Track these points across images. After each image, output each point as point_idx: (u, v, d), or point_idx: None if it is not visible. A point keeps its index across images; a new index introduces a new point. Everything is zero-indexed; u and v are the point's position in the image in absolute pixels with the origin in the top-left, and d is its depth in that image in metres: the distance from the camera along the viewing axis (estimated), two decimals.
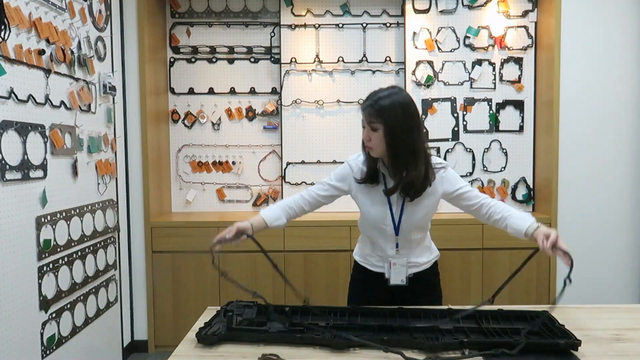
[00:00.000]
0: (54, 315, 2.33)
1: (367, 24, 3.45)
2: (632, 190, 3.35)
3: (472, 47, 3.39)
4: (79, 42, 2.59)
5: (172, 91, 3.54)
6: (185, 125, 3.55)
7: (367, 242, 1.91)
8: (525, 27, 3.38)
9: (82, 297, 2.59)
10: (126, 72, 3.19)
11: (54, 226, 2.33)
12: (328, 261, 3.15)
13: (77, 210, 2.55)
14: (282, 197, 3.52)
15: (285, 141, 3.48)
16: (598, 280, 3.36)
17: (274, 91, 3.53)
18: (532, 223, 1.74)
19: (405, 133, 1.67)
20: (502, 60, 3.40)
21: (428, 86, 3.40)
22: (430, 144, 3.42)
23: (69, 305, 2.46)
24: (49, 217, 2.28)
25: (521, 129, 3.43)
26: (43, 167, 2.24)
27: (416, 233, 1.84)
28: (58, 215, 2.36)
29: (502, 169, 3.45)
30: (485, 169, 3.45)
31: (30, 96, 2.15)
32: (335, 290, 3.15)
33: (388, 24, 3.46)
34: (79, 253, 2.56)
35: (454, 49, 3.39)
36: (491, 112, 3.42)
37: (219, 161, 3.56)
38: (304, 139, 3.48)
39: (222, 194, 3.58)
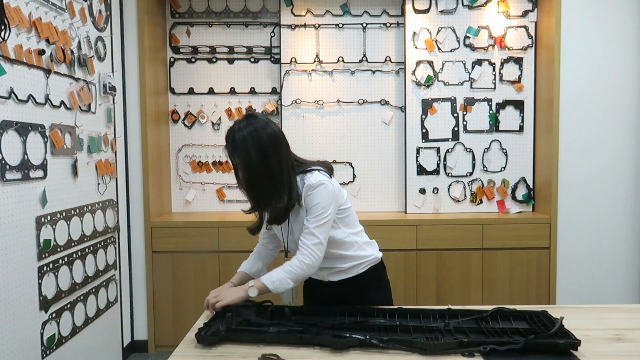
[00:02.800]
0: (54, 315, 2.33)
1: (367, 24, 3.45)
2: (632, 190, 3.35)
3: (472, 47, 3.39)
4: (79, 42, 2.59)
5: (172, 91, 3.54)
6: (185, 125, 3.55)
7: None
8: (525, 27, 3.38)
9: (82, 297, 2.59)
10: (126, 72, 3.19)
11: (54, 226, 2.32)
12: None
13: (77, 210, 2.55)
14: None
15: None
16: (598, 280, 3.36)
17: (274, 91, 3.53)
18: (258, 279, 1.66)
19: (261, 167, 1.60)
20: (502, 60, 3.40)
21: (428, 86, 3.40)
22: (430, 144, 3.42)
23: (69, 305, 2.46)
24: (49, 217, 2.28)
25: (521, 129, 3.43)
26: (43, 167, 2.24)
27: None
28: (58, 215, 2.36)
29: (502, 169, 3.45)
30: (485, 169, 3.45)
31: (30, 96, 2.15)
32: None
33: (388, 24, 3.46)
34: (79, 253, 2.56)
35: (454, 49, 3.39)
36: (491, 112, 3.42)
37: (219, 161, 3.56)
38: (304, 139, 3.48)
39: (222, 194, 3.58)
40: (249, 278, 1.79)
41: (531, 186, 3.45)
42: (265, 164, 1.60)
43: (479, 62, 3.40)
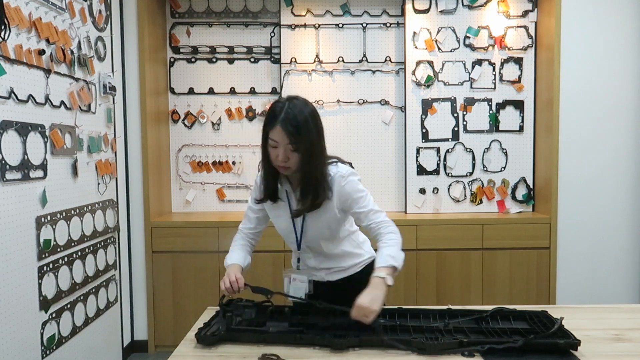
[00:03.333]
0: (54, 315, 2.33)
1: (367, 24, 3.45)
2: (632, 190, 3.35)
3: (472, 47, 3.39)
4: (79, 42, 2.59)
5: (172, 91, 3.54)
6: (185, 125, 3.55)
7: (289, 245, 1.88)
8: (525, 27, 3.38)
9: (82, 297, 2.59)
10: (126, 72, 3.19)
11: (54, 226, 2.32)
12: None
13: (77, 210, 2.55)
14: None
15: None
16: (598, 280, 3.36)
17: (274, 91, 3.53)
18: (380, 265, 1.57)
19: (321, 148, 1.61)
20: (502, 60, 3.40)
21: (428, 86, 3.40)
22: (430, 144, 3.42)
23: (69, 305, 2.46)
24: (49, 217, 2.28)
25: (521, 129, 3.43)
26: (43, 167, 2.24)
27: (328, 244, 1.75)
28: (58, 215, 2.36)
29: (502, 169, 3.45)
30: (485, 169, 3.45)
31: (30, 96, 2.15)
32: None
33: (388, 24, 3.45)
34: (79, 253, 2.56)
35: (454, 49, 3.39)
36: (491, 112, 3.42)
37: (219, 161, 3.56)
38: None
39: (222, 194, 3.58)
40: (241, 271, 1.73)
41: (531, 186, 3.45)
42: (320, 143, 1.61)
43: (479, 62, 3.39)
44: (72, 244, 2.49)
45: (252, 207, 1.83)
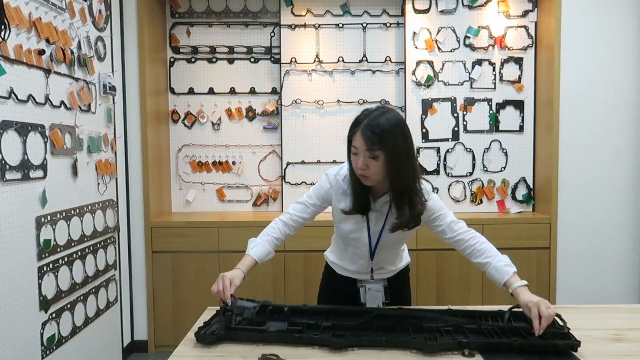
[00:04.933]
0: (53, 315, 2.33)
1: (367, 24, 3.45)
2: (632, 190, 3.35)
3: (472, 47, 3.39)
4: (79, 42, 2.59)
5: (172, 91, 3.54)
6: (185, 125, 3.55)
7: (340, 247, 1.85)
8: (525, 27, 3.38)
9: (82, 297, 2.59)
10: (126, 72, 3.19)
11: (54, 226, 2.33)
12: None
13: (77, 210, 2.55)
14: (282, 197, 3.52)
15: (285, 141, 3.48)
16: (598, 280, 3.36)
17: (274, 91, 3.53)
18: (509, 278, 1.67)
19: (408, 159, 1.55)
20: (502, 60, 3.40)
21: (428, 86, 3.40)
22: (430, 144, 3.42)
23: (69, 305, 2.46)
24: (49, 217, 2.28)
25: (521, 129, 3.43)
26: (43, 167, 2.24)
27: (394, 250, 1.79)
28: (58, 215, 2.36)
29: (502, 169, 3.45)
30: (485, 169, 3.45)
31: (30, 96, 2.15)
32: None
33: (388, 24, 3.45)
34: (79, 253, 2.56)
35: (454, 49, 3.39)
36: (491, 112, 3.42)
37: (219, 161, 3.56)
38: (304, 139, 3.48)
39: (222, 194, 3.58)
40: (255, 265, 1.69)
41: (531, 186, 3.45)
42: (409, 155, 1.56)
43: (479, 62, 3.39)
44: (72, 244, 2.49)
45: (313, 202, 1.77)
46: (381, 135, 1.51)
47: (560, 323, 1.51)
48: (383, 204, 1.67)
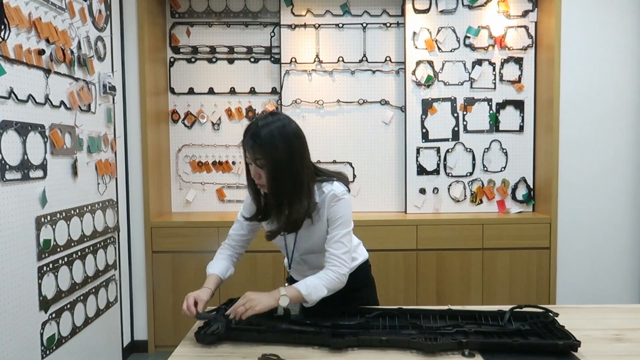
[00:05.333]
0: (53, 315, 2.33)
1: (367, 24, 3.45)
2: (632, 190, 3.35)
3: (472, 47, 3.39)
4: (79, 42, 2.59)
5: (172, 91, 3.54)
6: (185, 125, 3.55)
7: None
8: (525, 27, 3.38)
9: (82, 297, 2.59)
10: (126, 72, 3.19)
11: (53, 226, 2.33)
12: None
13: (77, 210, 2.55)
14: None
15: None
16: (598, 280, 3.36)
17: (274, 91, 3.53)
18: (291, 286, 1.57)
19: (287, 165, 1.52)
20: (502, 60, 3.40)
21: (428, 86, 3.40)
22: (430, 144, 3.42)
23: (68, 306, 2.46)
24: (48, 217, 2.28)
25: (521, 129, 3.43)
26: (43, 167, 2.24)
27: (320, 257, 1.69)
28: (58, 215, 2.36)
29: (502, 169, 3.45)
30: (485, 169, 3.45)
31: (30, 96, 2.15)
32: None
33: (388, 24, 3.45)
34: (79, 253, 2.56)
35: (454, 49, 3.39)
36: (491, 112, 3.42)
37: (219, 161, 3.56)
38: None
39: (222, 194, 3.58)
40: (220, 282, 1.74)
41: (531, 186, 3.45)
42: (292, 163, 1.53)
43: (479, 62, 3.39)
44: (72, 244, 2.49)
45: (241, 219, 1.81)
46: (261, 145, 1.52)
47: (560, 323, 1.51)
48: None
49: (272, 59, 3.52)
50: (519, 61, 3.39)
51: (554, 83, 3.20)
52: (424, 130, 3.42)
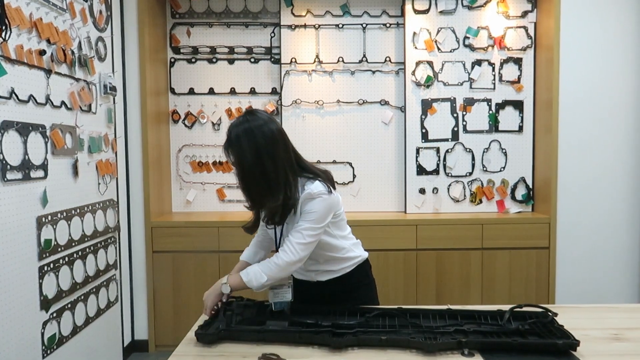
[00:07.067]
0: (54, 314, 2.33)
1: (367, 25, 3.46)
2: (631, 190, 3.36)
3: (471, 48, 3.40)
4: (80, 43, 2.59)
5: (173, 91, 3.55)
6: (186, 126, 3.56)
7: None
8: (524, 27, 3.39)
9: (82, 297, 2.60)
10: (127, 72, 3.19)
11: (54, 226, 2.33)
12: None
13: (78, 210, 2.56)
14: None
15: None
16: (597, 280, 3.36)
17: (274, 91, 3.54)
18: (235, 273, 1.70)
19: (254, 165, 1.58)
20: (502, 61, 3.40)
21: (428, 86, 3.40)
22: (430, 144, 3.43)
23: (69, 305, 2.47)
24: (49, 217, 2.29)
25: (521, 129, 3.43)
26: (44, 167, 2.24)
27: (314, 251, 1.70)
28: (59, 215, 2.37)
29: (502, 169, 3.45)
30: (484, 169, 3.45)
31: (31, 96, 2.16)
32: None
33: (388, 25, 3.46)
34: (80, 253, 2.57)
35: (454, 50, 3.40)
36: (491, 112, 3.43)
37: (219, 161, 3.56)
38: (304, 139, 3.48)
39: (223, 194, 3.59)
40: (245, 265, 1.80)
41: (530, 186, 3.46)
42: (258, 163, 1.58)
43: (478, 63, 3.40)
44: (73, 244, 2.49)
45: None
46: (230, 145, 1.61)
47: (559, 323, 1.51)
48: None
49: (272, 60, 3.52)
50: (518, 61, 3.40)
51: (553, 83, 3.21)
52: (424, 131, 3.42)
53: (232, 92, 3.54)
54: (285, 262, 1.61)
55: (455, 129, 3.44)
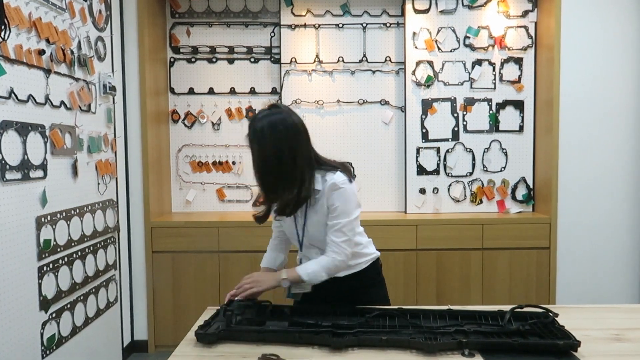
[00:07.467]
0: (54, 315, 2.33)
1: (367, 24, 3.45)
2: (632, 190, 3.35)
3: (472, 47, 3.39)
4: (79, 42, 2.59)
5: (172, 91, 3.54)
6: (185, 125, 3.55)
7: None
8: (525, 27, 3.38)
9: (82, 297, 2.59)
10: (126, 72, 3.19)
11: (54, 226, 2.33)
12: None
13: (77, 210, 2.55)
14: None
15: None
16: (598, 280, 3.36)
17: (274, 91, 3.53)
18: (291, 269, 1.71)
19: (274, 158, 1.60)
20: (502, 61, 3.40)
21: (428, 86, 3.40)
22: (430, 144, 3.42)
23: (69, 305, 2.46)
24: (49, 217, 2.28)
25: (521, 129, 3.43)
26: (43, 167, 2.24)
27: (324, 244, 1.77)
28: (58, 215, 2.37)
29: (502, 169, 3.45)
30: (485, 169, 3.45)
31: (30, 96, 2.15)
32: None
33: (388, 24, 3.46)
34: (79, 253, 2.57)
35: (454, 49, 3.39)
36: (491, 112, 3.42)
37: (219, 161, 3.56)
38: None
39: (222, 194, 3.58)
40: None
41: (531, 186, 3.45)
42: (278, 157, 1.60)
43: (478, 62, 3.40)
44: (72, 244, 2.49)
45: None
46: (253, 137, 1.62)
47: (560, 323, 1.51)
48: None
49: (272, 59, 3.52)
50: (518, 61, 3.40)
51: (554, 83, 3.21)
52: (424, 130, 3.42)
53: (232, 92, 3.54)
54: (340, 261, 1.68)
55: (456, 128, 3.43)
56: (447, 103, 3.41)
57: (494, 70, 3.40)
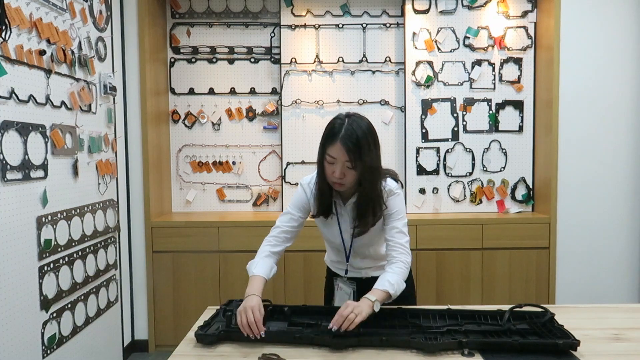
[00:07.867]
0: (54, 314, 2.33)
1: (367, 24, 3.46)
2: (631, 190, 3.36)
3: (471, 48, 3.39)
4: (80, 43, 2.59)
5: (173, 91, 3.55)
6: (186, 126, 3.56)
7: (329, 249, 1.95)
8: (524, 27, 3.39)
9: (82, 297, 2.59)
10: (127, 72, 3.19)
11: (54, 226, 2.33)
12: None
13: (78, 210, 2.56)
14: (282, 197, 3.53)
15: (285, 141, 3.49)
16: (597, 280, 3.36)
17: (274, 91, 3.54)
18: (375, 288, 1.59)
19: (379, 167, 1.65)
20: (502, 61, 3.40)
21: (428, 86, 3.40)
22: (430, 144, 3.43)
23: (69, 305, 2.47)
24: (49, 217, 2.29)
25: (521, 129, 3.43)
26: (44, 167, 2.24)
27: (376, 247, 1.82)
28: (59, 215, 2.37)
29: (502, 169, 3.45)
30: (484, 169, 3.45)
31: (31, 96, 2.16)
32: None
33: (388, 25, 3.46)
34: (80, 253, 2.57)
35: (454, 49, 3.40)
36: (491, 112, 3.43)
37: (219, 161, 3.57)
38: (304, 139, 3.49)
39: (222, 194, 3.59)
40: (264, 283, 1.67)
41: (531, 186, 3.46)
42: (379, 162, 1.66)
43: (478, 63, 3.40)
44: (73, 244, 2.49)
45: (297, 214, 1.79)
46: (360, 147, 1.58)
47: (560, 323, 1.51)
48: (353, 206, 1.72)
49: (272, 59, 3.52)
50: (518, 61, 3.40)
51: (554, 83, 3.21)
52: (424, 131, 3.42)
53: (232, 92, 3.54)
54: (408, 262, 1.70)
55: (455, 129, 3.44)
56: (446, 103, 3.42)
57: (493, 70, 3.41)
